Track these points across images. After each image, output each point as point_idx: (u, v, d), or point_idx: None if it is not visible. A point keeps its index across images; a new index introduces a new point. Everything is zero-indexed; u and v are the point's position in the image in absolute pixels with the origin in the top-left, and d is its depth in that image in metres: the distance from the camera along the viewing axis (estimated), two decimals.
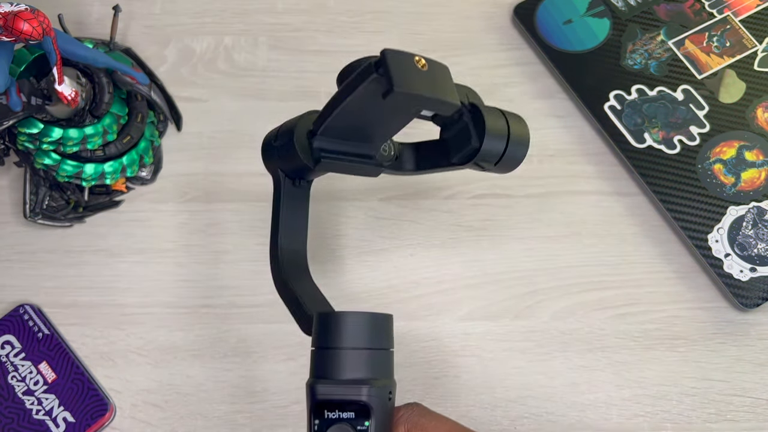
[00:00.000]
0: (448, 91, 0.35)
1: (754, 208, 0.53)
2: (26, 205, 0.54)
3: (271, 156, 0.42)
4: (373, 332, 0.35)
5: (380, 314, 0.36)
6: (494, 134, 0.40)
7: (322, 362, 0.35)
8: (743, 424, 0.49)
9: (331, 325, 0.35)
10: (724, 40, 0.58)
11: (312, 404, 0.34)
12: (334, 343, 0.35)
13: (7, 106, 0.48)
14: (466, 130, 0.41)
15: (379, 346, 0.35)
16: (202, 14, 0.62)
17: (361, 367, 0.34)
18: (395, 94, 0.32)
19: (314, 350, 0.36)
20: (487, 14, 0.62)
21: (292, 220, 0.43)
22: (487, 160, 0.41)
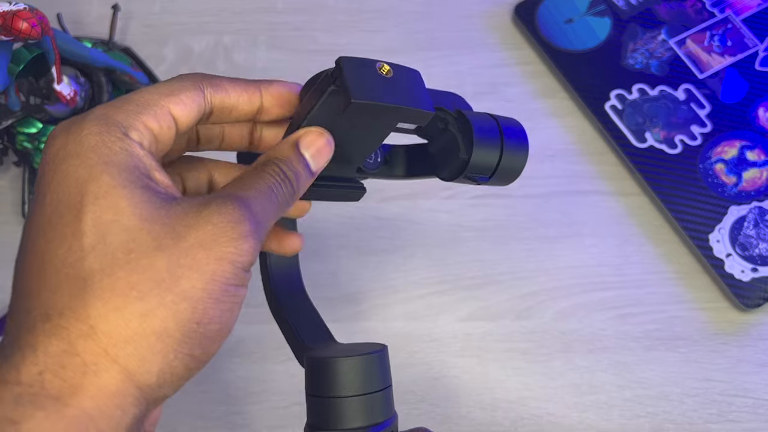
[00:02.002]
0: (418, 98, 0.32)
1: (756, 207, 0.52)
2: (25, 205, 0.54)
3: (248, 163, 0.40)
4: (370, 375, 0.33)
5: (375, 354, 0.33)
6: (485, 144, 0.36)
7: (319, 411, 0.33)
8: (745, 424, 0.49)
9: (324, 374, 0.33)
10: (725, 39, 0.58)
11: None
12: (329, 392, 0.32)
13: (5, 106, 0.48)
14: (453, 142, 0.36)
15: (377, 388, 0.33)
16: (202, 13, 0.62)
17: (361, 414, 0.32)
18: (354, 106, 0.29)
19: (309, 396, 0.34)
20: (488, 13, 0.61)
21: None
22: (479, 173, 0.37)
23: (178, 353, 0.25)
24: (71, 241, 0.25)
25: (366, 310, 0.52)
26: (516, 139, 0.38)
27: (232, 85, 0.30)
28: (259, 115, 0.32)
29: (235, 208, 0.26)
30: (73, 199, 0.25)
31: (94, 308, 0.23)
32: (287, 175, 0.29)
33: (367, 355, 0.33)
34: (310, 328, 0.38)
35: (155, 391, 0.25)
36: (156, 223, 0.25)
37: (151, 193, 0.25)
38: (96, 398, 0.23)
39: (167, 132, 0.28)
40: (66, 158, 0.26)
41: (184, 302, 0.24)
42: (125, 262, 0.24)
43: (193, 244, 0.25)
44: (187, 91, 0.28)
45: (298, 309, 0.39)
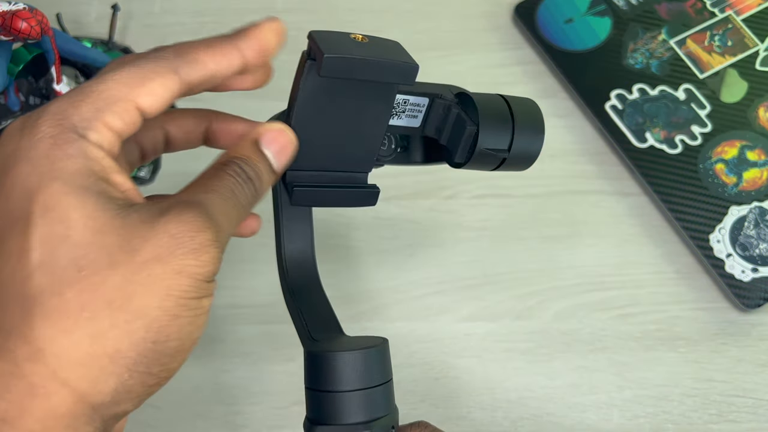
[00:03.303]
0: (398, 56, 0.30)
1: (756, 208, 0.52)
2: None
3: None
4: (370, 370, 0.33)
5: (375, 348, 0.33)
6: (491, 111, 0.34)
7: (319, 405, 0.33)
8: (745, 425, 0.49)
9: (324, 368, 0.32)
10: (725, 39, 0.58)
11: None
12: (329, 386, 0.32)
13: (5, 106, 0.48)
14: (459, 120, 0.35)
15: (378, 383, 0.33)
16: (202, 13, 0.62)
17: (361, 409, 0.32)
18: (327, 63, 0.28)
19: (308, 390, 0.33)
20: (488, 13, 0.61)
21: (294, 225, 0.40)
22: (494, 145, 0.34)
23: (134, 372, 0.24)
24: (18, 257, 0.23)
25: (366, 310, 0.52)
26: (526, 105, 0.36)
27: (208, 55, 0.28)
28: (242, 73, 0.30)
29: (195, 216, 0.24)
30: (22, 212, 0.23)
31: (42, 329, 0.22)
32: (249, 175, 0.28)
33: (366, 349, 0.32)
34: (320, 320, 0.37)
35: (111, 408, 0.24)
36: (110, 235, 0.23)
37: (105, 200, 0.24)
38: (44, 420, 0.22)
39: (131, 127, 0.26)
40: (17, 163, 0.24)
41: (138, 321, 0.23)
42: (75, 281, 0.23)
43: (148, 258, 0.23)
44: (159, 78, 0.26)
45: (312, 298, 0.38)
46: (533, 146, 0.36)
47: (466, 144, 0.35)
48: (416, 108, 0.35)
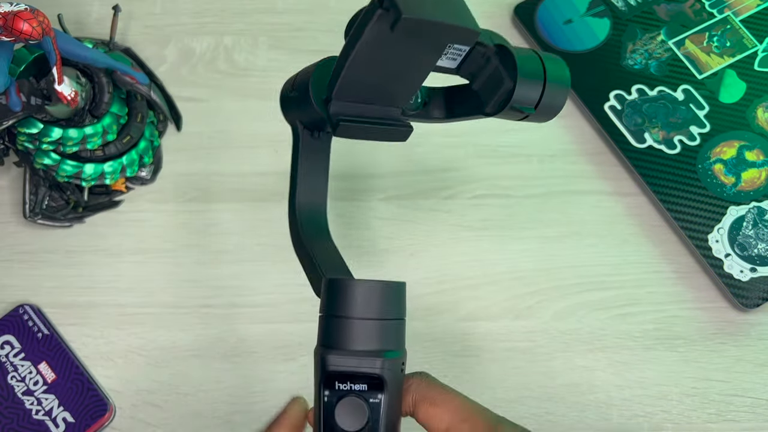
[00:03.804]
0: (465, 17, 0.32)
1: (755, 208, 0.53)
2: (26, 205, 0.54)
3: (289, 106, 0.40)
4: (387, 302, 0.33)
5: (394, 282, 0.34)
6: (528, 71, 0.36)
7: (333, 331, 0.33)
8: (744, 424, 0.49)
9: (343, 294, 0.33)
10: (724, 40, 0.58)
11: (322, 375, 0.33)
12: (346, 312, 0.33)
13: (6, 106, 0.48)
14: (496, 73, 0.36)
15: (392, 317, 0.34)
16: (202, 14, 0.62)
17: (374, 338, 0.33)
18: (404, 22, 0.29)
19: (324, 317, 0.34)
20: (487, 14, 0.61)
21: (310, 175, 0.40)
22: (525, 104, 0.36)
23: None
24: None
25: None
26: (557, 66, 0.37)
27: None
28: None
29: None
30: None
31: None
32: None
33: (384, 282, 0.33)
34: (331, 263, 0.38)
35: None
36: None
37: None
38: None
39: None
40: None
41: None
42: None
43: None
44: None
45: (321, 246, 0.39)
46: (557, 103, 0.37)
47: (500, 98, 0.36)
48: (457, 51, 0.36)
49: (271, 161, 0.57)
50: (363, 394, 0.33)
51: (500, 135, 0.57)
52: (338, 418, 0.33)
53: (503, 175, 0.56)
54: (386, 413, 0.33)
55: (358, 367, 0.33)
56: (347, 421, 0.33)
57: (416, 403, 0.35)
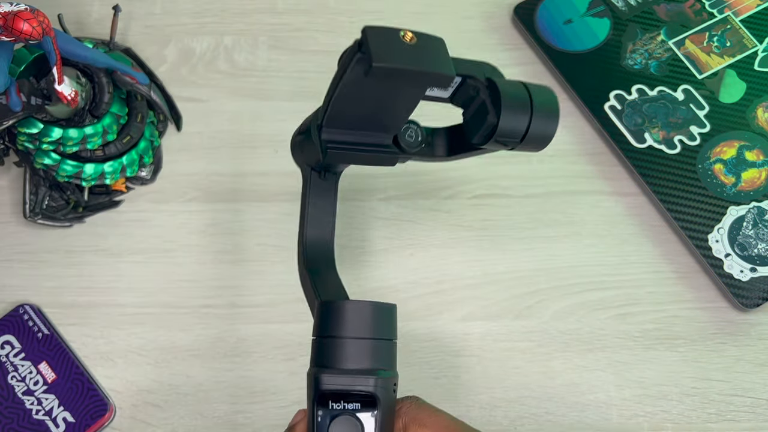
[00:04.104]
0: (439, 62, 0.33)
1: (755, 208, 0.53)
2: (26, 205, 0.54)
3: (297, 150, 0.42)
4: (379, 322, 0.34)
5: (385, 304, 0.35)
6: (513, 107, 0.37)
7: (326, 351, 0.34)
8: (743, 424, 0.49)
9: (336, 314, 0.34)
10: (724, 40, 0.58)
11: (316, 394, 0.33)
12: (339, 331, 0.34)
13: (6, 106, 0.48)
14: (483, 107, 0.38)
15: (384, 336, 0.35)
16: (202, 14, 0.62)
17: (367, 357, 0.34)
18: (375, 70, 0.30)
19: (317, 339, 0.35)
20: (487, 14, 0.61)
21: (318, 212, 0.42)
22: (510, 137, 0.37)
23: None
24: None
25: None
26: (546, 104, 0.38)
27: None
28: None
29: None
30: None
31: None
32: None
33: (375, 303, 0.34)
34: (329, 290, 0.39)
35: None
36: None
37: None
38: None
39: None
40: None
41: None
42: None
43: None
44: None
45: (324, 276, 0.40)
46: (546, 134, 0.38)
47: (485, 130, 0.38)
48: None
49: (271, 161, 0.57)
50: (356, 412, 0.33)
51: None
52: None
53: (503, 175, 0.56)
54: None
55: (352, 386, 0.33)
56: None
57: (406, 426, 0.36)
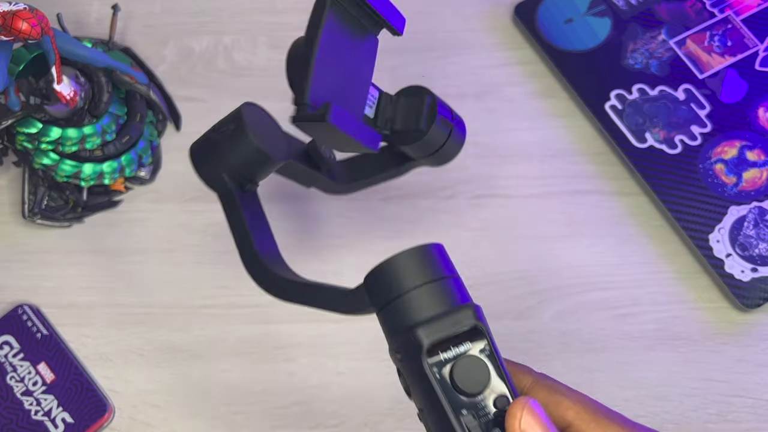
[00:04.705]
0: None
1: (756, 208, 0.52)
2: (25, 205, 0.54)
3: (212, 155, 0.40)
4: (441, 260, 0.33)
5: (435, 243, 0.33)
6: (443, 117, 0.42)
7: (405, 311, 0.31)
8: (744, 424, 0.49)
9: (400, 269, 0.32)
10: (725, 39, 0.58)
11: (420, 355, 0.30)
12: (411, 284, 0.31)
13: (5, 106, 0.48)
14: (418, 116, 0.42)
15: (452, 274, 0.33)
16: (202, 14, 0.62)
17: (450, 296, 0.32)
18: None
19: (384, 309, 0.32)
20: (488, 13, 0.61)
21: (259, 227, 0.40)
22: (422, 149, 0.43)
23: None
24: None
25: None
26: (461, 129, 0.45)
27: None
28: None
29: None
30: None
31: None
32: None
33: (425, 244, 0.33)
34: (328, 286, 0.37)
35: None
36: None
37: None
38: None
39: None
40: None
41: None
42: None
43: None
44: None
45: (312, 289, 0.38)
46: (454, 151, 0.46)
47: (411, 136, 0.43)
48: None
49: None
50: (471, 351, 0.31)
51: (500, 135, 0.57)
52: (461, 383, 0.30)
53: (503, 175, 0.56)
54: (500, 361, 0.31)
55: (455, 327, 0.31)
56: (471, 383, 0.30)
57: (532, 388, 0.34)
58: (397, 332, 0.32)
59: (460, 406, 0.30)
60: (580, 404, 0.33)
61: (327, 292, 0.36)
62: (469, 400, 0.30)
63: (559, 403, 0.33)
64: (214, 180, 0.41)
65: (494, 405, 0.31)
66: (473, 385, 0.30)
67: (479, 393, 0.30)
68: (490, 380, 0.31)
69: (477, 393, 0.30)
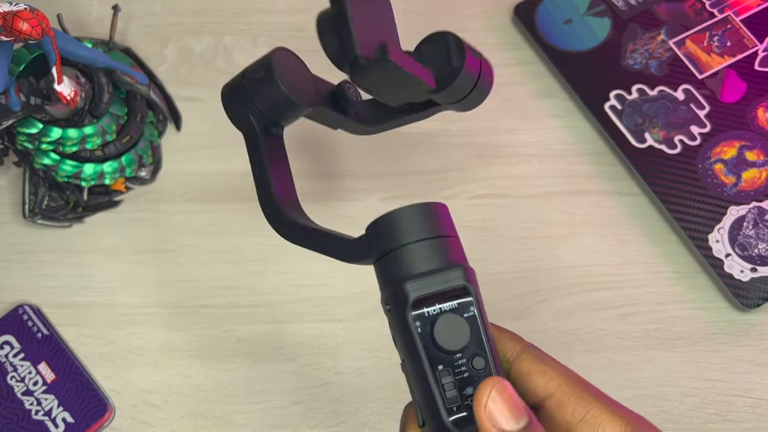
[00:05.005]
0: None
1: (755, 208, 0.53)
2: (25, 205, 0.54)
3: (241, 98, 0.40)
4: (441, 218, 0.33)
5: (437, 203, 0.34)
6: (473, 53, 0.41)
7: (400, 263, 0.32)
8: (744, 424, 0.49)
9: (400, 222, 0.32)
10: (724, 39, 0.58)
11: (407, 308, 0.31)
12: (409, 238, 0.32)
13: (6, 106, 0.48)
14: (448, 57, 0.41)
15: (450, 233, 0.33)
16: (202, 14, 0.62)
17: (445, 254, 0.32)
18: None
19: (381, 260, 0.33)
20: (487, 13, 0.61)
21: (280, 171, 0.40)
22: (466, 83, 0.41)
23: None
24: None
25: (368, 309, 0.52)
26: (489, 66, 0.44)
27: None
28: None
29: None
30: None
31: None
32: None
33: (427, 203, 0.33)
34: (337, 233, 0.37)
35: None
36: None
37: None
38: None
39: None
40: None
41: None
42: None
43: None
44: None
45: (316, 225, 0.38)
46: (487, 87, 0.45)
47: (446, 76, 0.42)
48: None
49: None
50: (455, 311, 0.31)
51: (500, 135, 0.57)
52: (440, 340, 0.31)
53: (503, 175, 0.56)
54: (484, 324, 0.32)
55: (444, 283, 0.31)
56: (450, 340, 0.31)
57: (519, 356, 0.34)
58: (389, 283, 0.32)
59: (438, 362, 0.31)
60: (565, 377, 0.33)
61: (332, 239, 0.36)
62: (447, 356, 0.31)
63: (543, 372, 0.33)
64: (240, 121, 0.41)
65: (472, 365, 0.31)
66: (452, 343, 0.31)
67: (458, 351, 0.31)
68: (469, 340, 0.31)
69: (455, 351, 0.31)
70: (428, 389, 0.31)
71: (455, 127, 0.57)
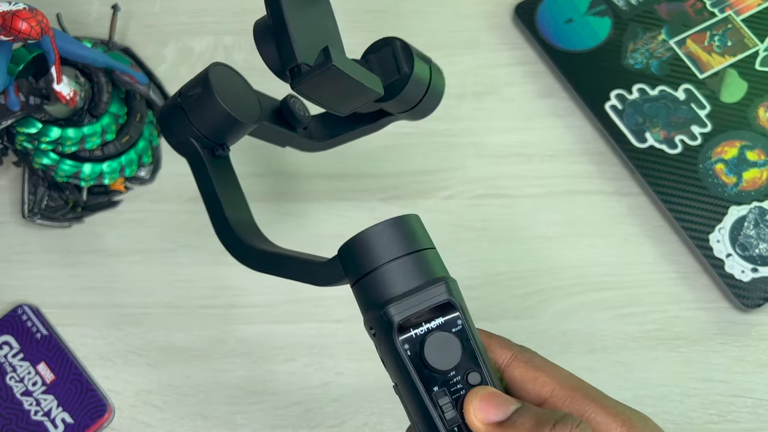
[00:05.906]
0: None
1: (756, 208, 0.52)
2: (25, 205, 0.54)
3: (179, 121, 0.38)
4: (416, 232, 0.32)
5: (410, 214, 0.32)
6: (421, 59, 0.40)
7: (378, 286, 0.30)
8: (745, 424, 0.49)
9: (372, 243, 0.31)
10: (725, 39, 0.58)
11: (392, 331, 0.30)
12: (384, 258, 0.30)
13: (5, 106, 0.48)
14: (394, 65, 0.40)
15: (427, 246, 0.32)
16: (202, 13, 0.62)
17: (424, 270, 0.31)
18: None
19: (358, 283, 0.31)
20: (488, 13, 0.61)
21: (230, 193, 0.39)
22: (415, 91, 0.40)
23: None
24: None
25: None
26: (439, 71, 0.43)
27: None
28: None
29: None
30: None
31: None
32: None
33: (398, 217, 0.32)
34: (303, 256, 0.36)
35: None
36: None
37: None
38: None
39: None
40: None
41: None
42: None
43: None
44: None
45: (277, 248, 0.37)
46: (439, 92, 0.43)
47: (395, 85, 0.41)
48: None
49: (271, 162, 0.56)
50: (442, 328, 0.30)
51: (500, 135, 0.57)
52: (432, 361, 0.30)
53: (503, 175, 0.56)
54: (474, 336, 0.31)
55: (427, 301, 0.30)
56: (442, 360, 0.30)
57: (510, 363, 0.33)
58: (370, 308, 0.31)
59: (433, 383, 0.30)
60: (557, 380, 0.32)
61: (301, 263, 0.35)
62: (441, 376, 0.30)
63: (535, 379, 0.33)
64: (182, 145, 0.39)
65: (467, 381, 0.30)
66: (444, 362, 0.30)
67: (451, 370, 0.30)
68: (461, 357, 0.30)
69: (449, 370, 0.30)
70: (426, 413, 0.30)
71: (455, 127, 0.57)
